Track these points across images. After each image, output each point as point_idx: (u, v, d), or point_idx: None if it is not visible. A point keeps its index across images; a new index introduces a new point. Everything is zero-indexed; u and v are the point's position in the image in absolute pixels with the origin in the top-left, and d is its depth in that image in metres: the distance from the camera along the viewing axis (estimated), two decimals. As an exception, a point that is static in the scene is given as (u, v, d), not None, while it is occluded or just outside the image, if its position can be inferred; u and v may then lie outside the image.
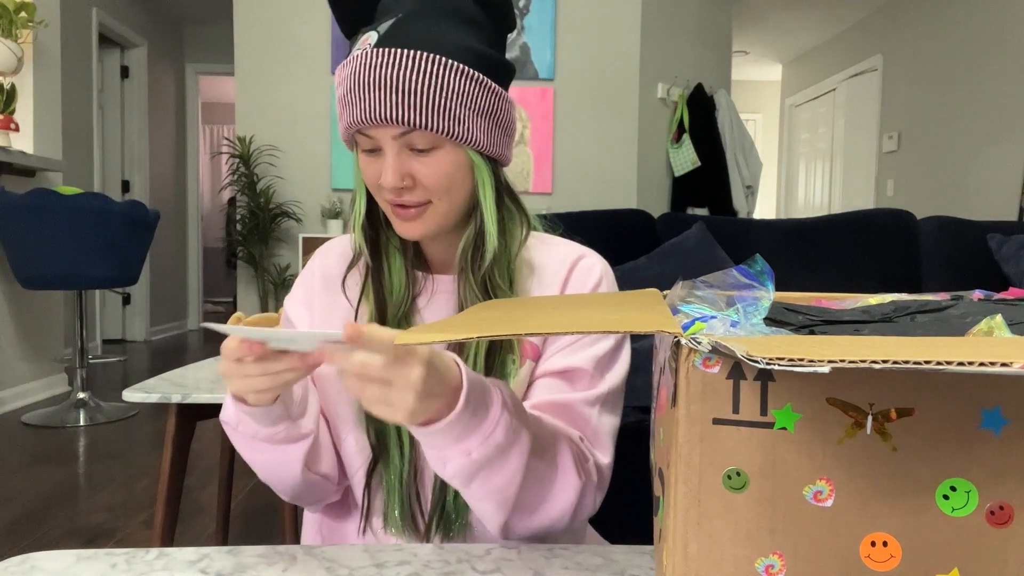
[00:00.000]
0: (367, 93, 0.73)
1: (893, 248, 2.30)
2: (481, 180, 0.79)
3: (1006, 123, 4.63)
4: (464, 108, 0.75)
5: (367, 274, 0.84)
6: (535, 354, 0.82)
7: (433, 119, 0.73)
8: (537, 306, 0.65)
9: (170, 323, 6.65)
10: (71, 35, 4.75)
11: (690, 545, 0.49)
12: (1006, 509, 0.46)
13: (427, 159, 0.76)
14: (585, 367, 0.80)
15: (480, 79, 0.76)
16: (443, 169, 0.76)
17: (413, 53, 0.73)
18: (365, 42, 0.75)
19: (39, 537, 2.18)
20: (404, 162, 0.75)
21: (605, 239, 2.20)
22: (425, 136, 0.74)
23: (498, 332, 0.50)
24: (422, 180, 0.76)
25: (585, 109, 4.39)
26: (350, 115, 0.75)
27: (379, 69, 0.73)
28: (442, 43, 0.74)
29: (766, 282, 0.57)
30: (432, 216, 0.78)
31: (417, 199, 0.77)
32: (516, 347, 0.80)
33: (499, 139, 0.80)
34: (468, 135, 0.76)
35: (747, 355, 0.40)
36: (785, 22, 6.66)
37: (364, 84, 0.73)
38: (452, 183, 0.77)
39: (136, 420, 3.57)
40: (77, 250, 3.28)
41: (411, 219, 0.78)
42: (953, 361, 0.38)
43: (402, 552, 0.70)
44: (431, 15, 0.76)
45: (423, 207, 0.77)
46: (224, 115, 8.67)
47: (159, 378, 1.75)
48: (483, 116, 0.77)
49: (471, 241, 0.81)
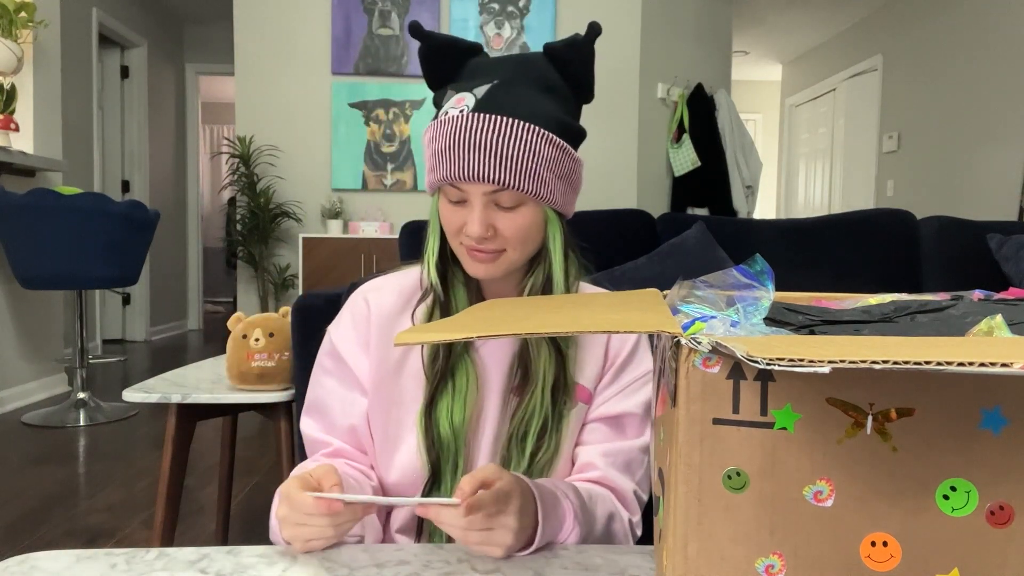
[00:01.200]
0: (466, 153, 0.81)
1: (893, 248, 2.29)
2: (552, 234, 0.88)
3: (1006, 123, 4.63)
4: (548, 171, 0.83)
5: (434, 306, 0.90)
6: (587, 398, 0.90)
7: (523, 181, 0.82)
8: (538, 306, 0.65)
9: (170, 323, 6.65)
10: (71, 35, 4.75)
11: (690, 545, 0.49)
12: (1006, 509, 0.46)
13: (510, 215, 0.84)
14: (636, 411, 0.89)
15: (562, 145, 0.84)
16: (523, 223, 0.84)
17: (508, 121, 0.81)
18: (461, 102, 0.83)
19: (39, 537, 2.18)
20: (489, 215, 0.83)
21: (605, 239, 2.20)
22: (512, 195, 0.83)
23: (499, 331, 0.50)
24: (503, 232, 0.84)
25: (585, 109, 4.38)
26: (446, 170, 0.82)
27: (478, 133, 0.81)
28: (534, 112, 0.82)
29: (766, 282, 0.57)
30: (504, 262, 0.86)
31: (495, 247, 0.85)
32: (572, 391, 0.88)
33: (570, 197, 0.89)
34: (549, 195, 0.84)
35: (747, 355, 0.40)
36: (785, 22, 6.66)
37: (463, 144, 0.81)
38: (528, 235, 0.85)
39: (136, 420, 3.57)
40: (77, 250, 3.28)
41: (485, 262, 0.86)
42: (953, 361, 0.38)
43: (402, 552, 0.70)
44: (523, 83, 0.84)
45: (498, 254, 0.85)
46: (224, 115, 8.67)
47: (159, 378, 1.75)
48: (561, 178, 0.85)
49: (539, 287, 0.89)
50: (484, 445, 0.88)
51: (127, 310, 6.08)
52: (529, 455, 0.86)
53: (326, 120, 4.42)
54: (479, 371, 0.89)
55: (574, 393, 0.89)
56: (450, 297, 0.91)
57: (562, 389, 0.87)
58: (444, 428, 0.86)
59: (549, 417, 0.86)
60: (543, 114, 0.83)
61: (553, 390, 0.87)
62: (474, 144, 0.81)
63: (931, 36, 5.39)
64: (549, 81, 0.86)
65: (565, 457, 0.89)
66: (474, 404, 0.88)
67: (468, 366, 0.88)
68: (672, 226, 2.20)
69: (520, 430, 0.86)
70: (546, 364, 0.87)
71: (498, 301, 0.76)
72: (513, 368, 0.89)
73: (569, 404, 0.88)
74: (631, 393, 0.90)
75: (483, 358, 0.90)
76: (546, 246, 0.89)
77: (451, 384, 0.87)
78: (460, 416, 0.87)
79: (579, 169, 0.89)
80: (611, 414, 0.89)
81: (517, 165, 0.81)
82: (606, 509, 0.84)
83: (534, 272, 0.90)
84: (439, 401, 0.87)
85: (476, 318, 0.59)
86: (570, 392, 0.88)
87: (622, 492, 0.88)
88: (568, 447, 0.89)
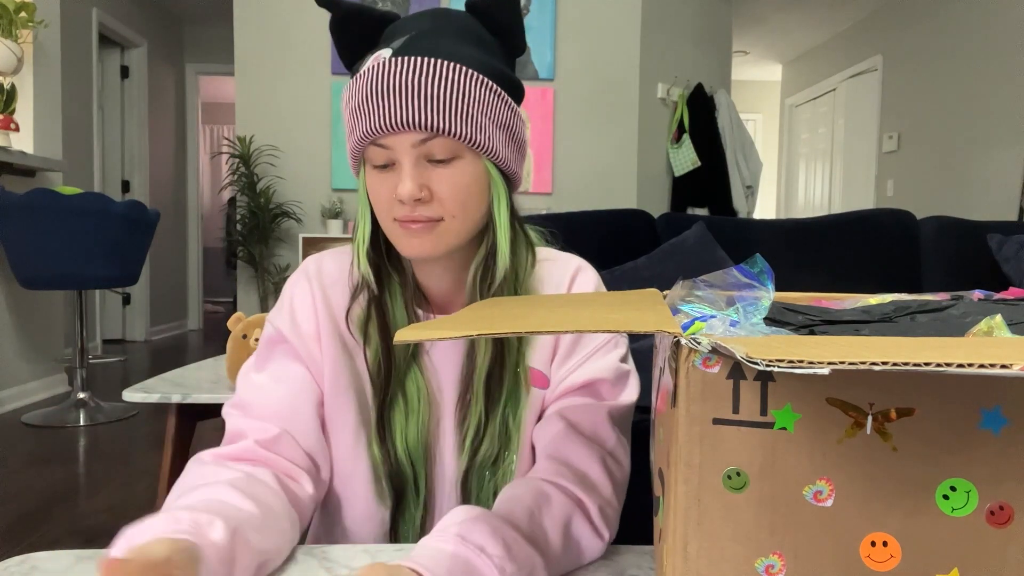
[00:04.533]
0: (386, 99, 0.69)
1: (893, 248, 2.29)
2: (497, 196, 0.76)
3: (1006, 123, 4.63)
4: (484, 117, 0.72)
5: (369, 306, 0.79)
6: (543, 382, 0.80)
7: (456, 124, 0.70)
8: (538, 304, 0.65)
9: (170, 323, 6.65)
10: (71, 35, 4.75)
11: (690, 545, 0.49)
12: (1006, 509, 0.46)
13: (445, 171, 0.72)
14: (606, 376, 0.78)
15: (499, 91, 0.74)
16: (462, 181, 0.72)
17: (432, 60, 0.70)
18: (377, 58, 0.72)
19: (39, 537, 2.18)
20: (422, 173, 0.71)
21: (605, 239, 2.20)
22: (446, 144, 0.71)
23: (500, 330, 0.50)
24: (439, 193, 0.72)
25: (585, 109, 4.39)
26: (366, 124, 0.71)
27: (399, 76, 0.69)
28: (461, 54, 0.72)
29: (766, 282, 0.57)
30: (444, 235, 0.74)
31: (431, 214, 0.72)
32: (525, 376, 0.78)
33: (515, 156, 0.77)
34: (489, 144, 0.73)
35: (746, 357, 0.40)
36: (785, 22, 6.66)
37: (383, 91, 0.70)
38: (469, 197, 0.73)
39: (136, 420, 3.56)
40: (77, 250, 3.28)
41: (421, 234, 0.73)
42: (953, 363, 0.38)
43: (402, 552, 0.70)
44: (445, 33, 0.73)
45: (434, 223, 0.73)
46: (224, 115, 8.67)
47: (159, 378, 1.75)
48: (501, 129, 0.74)
49: (482, 261, 0.77)
50: (447, 462, 0.80)
51: (127, 310, 6.08)
52: (492, 464, 0.78)
53: (326, 120, 4.42)
54: (429, 378, 0.79)
55: (528, 378, 0.79)
56: (385, 298, 0.79)
57: (499, 379, 0.77)
58: (400, 451, 0.77)
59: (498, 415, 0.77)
60: (471, 58, 0.72)
61: (488, 377, 0.77)
62: (394, 88, 0.69)
63: (931, 36, 5.39)
64: (475, 32, 0.75)
65: (525, 445, 0.80)
66: (427, 417, 0.79)
67: (416, 375, 0.78)
68: (672, 226, 2.20)
69: (476, 439, 0.77)
70: (483, 356, 0.77)
71: (499, 300, 0.75)
72: (464, 370, 0.79)
73: (524, 392, 0.78)
74: (598, 359, 0.79)
75: (435, 363, 0.80)
76: (490, 213, 0.76)
77: (401, 396, 0.78)
78: (415, 434, 0.78)
79: (523, 127, 0.78)
80: (579, 383, 0.78)
81: (447, 107, 0.70)
82: (558, 518, 0.69)
83: (478, 250, 0.78)
84: (391, 418, 0.78)
85: (477, 316, 0.59)
86: (522, 379, 0.78)
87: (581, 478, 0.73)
88: (528, 438, 0.80)
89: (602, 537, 0.71)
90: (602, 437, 0.76)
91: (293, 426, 0.76)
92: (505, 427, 0.78)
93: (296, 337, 0.79)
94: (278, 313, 0.82)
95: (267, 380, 0.79)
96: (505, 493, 0.71)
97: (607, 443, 0.76)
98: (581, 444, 0.75)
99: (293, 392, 0.78)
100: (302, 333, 0.80)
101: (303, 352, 0.79)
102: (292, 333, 0.80)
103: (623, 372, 0.80)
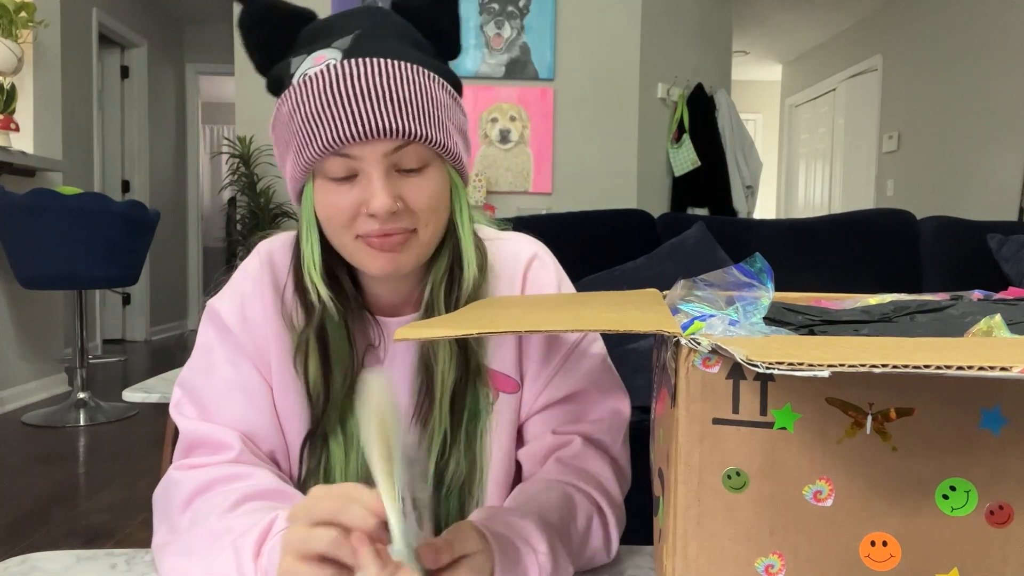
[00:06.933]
0: (352, 105, 0.63)
1: (893, 248, 2.30)
2: (459, 202, 0.72)
3: (1006, 123, 4.63)
4: (449, 122, 0.68)
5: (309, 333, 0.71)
6: (512, 387, 0.75)
7: (430, 130, 0.65)
8: (537, 304, 0.65)
9: (170, 323, 6.65)
10: (71, 35, 4.74)
11: (690, 545, 0.49)
12: (1006, 509, 0.46)
13: (417, 180, 0.67)
14: (585, 387, 0.76)
15: (455, 94, 0.70)
16: (433, 190, 0.67)
17: (396, 63, 0.64)
18: (322, 59, 0.65)
19: (39, 537, 2.18)
20: (393, 183, 0.65)
21: (605, 239, 2.20)
22: (418, 152, 0.66)
23: (500, 329, 0.50)
24: (413, 203, 0.66)
25: (585, 109, 4.39)
26: (329, 134, 0.63)
27: (363, 79, 0.63)
28: (413, 56, 0.66)
29: (766, 281, 0.57)
30: (415, 247, 0.68)
31: (404, 226, 0.67)
32: (486, 383, 0.74)
33: (467, 158, 0.73)
34: (455, 150, 0.69)
35: (746, 359, 0.40)
36: (785, 22, 6.66)
37: (346, 95, 0.63)
38: (441, 204, 0.69)
39: (136, 420, 3.56)
40: (77, 250, 3.28)
41: (395, 250, 0.67)
42: (952, 365, 0.38)
43: None
44: (389, 33, 0.68)
45: (408, 236, 0.67)
46: (224, 115, 8.66)
47: (159, 378, 1.75)
48: (459, 132, 0.71)
49: (446, 272, 0.72)
50: None
51: (127, 310, 6.08)
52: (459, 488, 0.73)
53: (326, 120, 4.42)
54: None
55: (493, 384, 0.74)
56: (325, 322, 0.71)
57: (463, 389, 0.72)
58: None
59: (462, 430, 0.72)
60: (424, 60, 0.67)
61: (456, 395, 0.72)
62: (361, 92, 0.63)
63: (931, 36, 5.39)
64: (410, 33, 0.70)
65: (498, 462, 0.74)
66: None
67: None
68: (672, 226, 2.20)
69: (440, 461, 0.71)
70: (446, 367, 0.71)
71: (498, 299, 0.75)
72: (420, 385, 0.72)
73: (489, 397, 0.73)
74: (571, 368, 0.75)
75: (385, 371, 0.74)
76: (453, 220, 0.72)
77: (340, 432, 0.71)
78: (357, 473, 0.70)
79: (467, 126, 0.74)
80: (559, 397, 0.75)
81: (420, 111, 0.64)
82: (582, 519, 0.69)
83: (439, 259, 0.72)
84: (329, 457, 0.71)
85: (476, 315, 0.59)
86: (485, 385, 0.73)
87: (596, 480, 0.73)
88: (500, 448, 0.75)
89: (609, 553, 0.72)
90: (607, 444, 0.76)
91: (254, 430, 0.72)
92: (470, 443, 0.73)
93: (244, 330, 0.74)
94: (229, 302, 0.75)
95: (220, 380, 0.73)
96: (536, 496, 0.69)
97: (611, 450, 0.76)
98: (593, 455, 0.74)
99: (249, 393, 0.73)
100: (251, 325, 0.74)
101: (250, 347, 0.74)
102: (240, 325, 0.74)
103: (611, 378, 0.79)
